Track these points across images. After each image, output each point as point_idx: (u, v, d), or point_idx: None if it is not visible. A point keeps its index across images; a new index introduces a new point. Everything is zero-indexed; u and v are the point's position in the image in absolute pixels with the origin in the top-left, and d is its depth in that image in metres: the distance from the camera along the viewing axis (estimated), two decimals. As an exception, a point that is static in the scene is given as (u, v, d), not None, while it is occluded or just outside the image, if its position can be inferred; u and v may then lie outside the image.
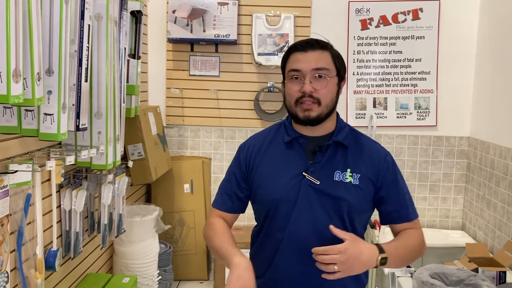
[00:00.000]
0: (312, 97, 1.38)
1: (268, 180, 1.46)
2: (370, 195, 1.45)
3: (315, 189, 1.41)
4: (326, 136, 1.47)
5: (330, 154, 1.44)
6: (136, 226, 2.59)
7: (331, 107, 1.42)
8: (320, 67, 1.38)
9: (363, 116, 3.44)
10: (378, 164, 1.46)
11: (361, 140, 1.51)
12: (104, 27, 1.82)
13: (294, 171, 1.43)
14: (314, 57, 1.39)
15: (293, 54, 1.42)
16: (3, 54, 1.16)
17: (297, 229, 1.41)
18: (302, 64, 1.39)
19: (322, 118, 1.41)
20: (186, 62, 3.36)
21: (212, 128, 3.43)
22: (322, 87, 1.38)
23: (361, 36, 3.38)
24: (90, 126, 1.86)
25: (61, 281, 1.99)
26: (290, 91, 1.42)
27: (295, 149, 1.46)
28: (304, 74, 1.38)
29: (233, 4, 3.21)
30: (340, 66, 1.44)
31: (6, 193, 1.47)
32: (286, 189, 1.42)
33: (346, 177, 1.42)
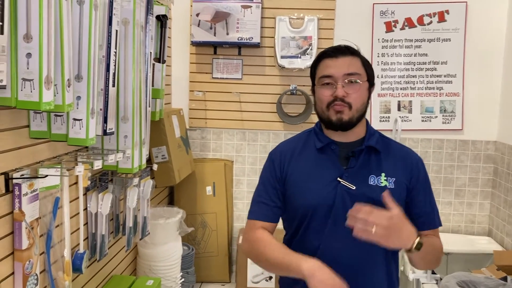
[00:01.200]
0: (343, 101, 1.39)
1: (302, 188, 1.45)
2: (404, 199, 1.45)
3: (351, 194, 1.40)
4: (357, 142, 1.47)
5: (363, 159, 1.44)
6: (160, 229, 2.61)
7: (362, 111, 1.43)
8: (352, 72, 1.40)
9: (387, 120, 3.39)
10: (411, 168, 1.47)
11: (392, 144, 1.52)
12: (131, 32, 1.84)
13: (329, 178, 1.43)
14: (345, 62, 1.41)
15: (324, 61, 1.44)
16: (36, 61, 1.17)
17: (334, 235, 1.40)
18: (333, 70, 1.40)
19: (353, 123, 1.42)
20: (209, 65, 3.37)
21: (235, 130, 3.43)
22: (354, 91, 1.39)
23: (386, 38, 3.34)
24: (117, 130, 1.88)
25: (87, 283, 2.01)
26: (321, 97, 1.43)
27: (328, 155, 1.46)
28: (336, 79, 1.40)
29: (256, 7, 3.21)
30: (370, 71, 1.46)
31: (36, 197, 1.50)
32: (321, 196, 1.42)
33: (381, 181, 1.42)
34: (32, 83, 1.18)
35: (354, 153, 1.44)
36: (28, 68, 1.17)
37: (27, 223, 1.45)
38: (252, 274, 3.16)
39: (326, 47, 1.50)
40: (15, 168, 1.43)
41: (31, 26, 1.16)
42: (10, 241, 1.42)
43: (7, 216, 1.41)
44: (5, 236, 1.40)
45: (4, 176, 1.38)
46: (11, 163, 1.42)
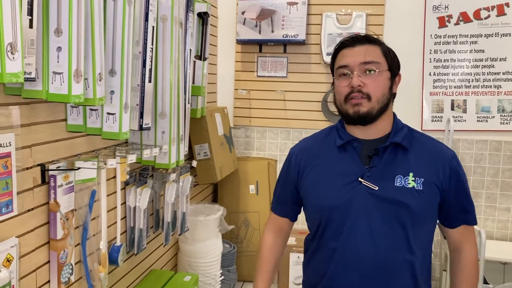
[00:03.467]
0: (361, 92, 1.30)
1: (319, 187, 1.39)
2: (435, 202, 1.34)
3: (372, 195, 1.31)
4: (382, 139, 1.37)
5: (388, 157, 1.35)
6: (200, 225, 2.62)
7: (383, 102, 1.33)
8: (369, 60, 1.31)
9: (439, 119, 3.23)
10: (444, 166, 1.35)
11: (422, 140, 1.40)
12: (169, 29, 1.85)
13: (349, 177, 1.35)
14: (361, 51, 1.33)
15: (341, 51, 1.37)
16: (66, 55, 1.20)
17: (352, 238, 1.33)
18: (349, 59, 1.33)
19: (374, 115, 1.32)
20: (254, 63, 3.36)
21: (279, 129, 3.40)
22: (372, 80, 1.30)
23: (439, 34, 3.18)
24: (155, 126, 1.90)
25: (124, 276, 2.05)
26: (338, 88, 1.35)
27: (349, 153, 1.38)
28: (352, 69, 1.32)
29: (302, 3, 3.16)
30: (392, 60, 1.36)
31: (71, 189, 1.54)
32: (339, 196, 1.34)
33: (408, 181, 1.31)
34: (62, 76, 1.21)
35: (378, 150, 1.34)
36: (58, 62, 1.20)
37: (62, 214, 1.49)
38: (294, 275, 3.11)
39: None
40: (51, 160, 1.48)
41: (61, 20, 1.19)
42: (45, 231, 1.47)
43: (43, 206, 1.45)
44: (41, 225, 1.45)
45: (40, 167, 1.43)
46: (48, 155, 1.46)
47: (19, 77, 1.02)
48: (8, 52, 0.98)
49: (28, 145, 1.37)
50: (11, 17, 0.98)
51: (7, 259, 1.27)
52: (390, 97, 1.36)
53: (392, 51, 1.39)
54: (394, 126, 1.39)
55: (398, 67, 1.40)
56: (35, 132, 1.39)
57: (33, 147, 1.39)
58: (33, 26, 1.09)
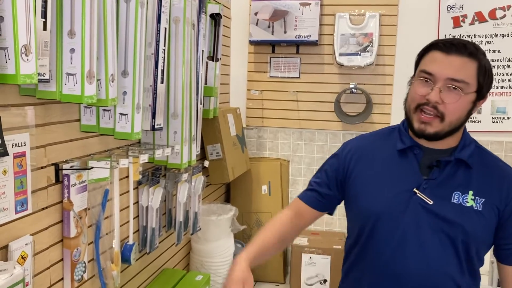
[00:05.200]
0: (436, 108, 1.19)
1: (370, 190, 1.31)
2: (492, 225, 1.25)
3: (426, 209, 1.23)
4: (448, 151, 1.27)
5: (449, 172, 1.25)
6: (212, 225, 2.64)
7: (456, 125, 1.22)
8: (458, 78, 1.17)
9: (453, 120, 3.20)
10: (509, 190, 1.25)
11: (489, 159, 1.31)
12: (181, 30, 1.87)
13: (404, 185, 1.26)
14: (455, 63, 1.18)
15: (432, 52, 1.23)
16: (79, 57, 1.22)
17: (400, 254, 1.25)
18: (437, 68, 1.19)
19: (440, 136, 1.23)
20: (266, 64, 3.37)
21: (291, 130, 3.40)
22: (452, 101, 1.17)
23: (453, 34, 3.15)
24: (167, 126, 1.92)
25: (137, 274, 2.07)
26: (413, 94, 1.24)
27: (408, 160, 1.28)
28: (436, 80, 1.19)
29: (315, 4, 3.16)
30: (484, 82, 1.22)
31: (85, 188, 1.56)
32: (390, 204, 1.26)
33: (467, 200, 1.23)
34: (75, 77, 1.23)
35: (440, 162, 1.25)
36: (71, 63, 1.22)
37: (75, 212, 1.51)
38: (306, 276, 3.11)
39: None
40: (65, 159, 1.50)
41: (74, 22, 1.21)
42: (59, 229, 1.50)
43: (57, 205, 1.48)
44: (55, 224, 1.48)
45: (54, 166, 1.45)
46: (62, 155, 1.49)
47: (33, 78, 1.04)
48: (22, 54, 1.00)
49: (43, 145, 1.39)
50: (25, 19, 1.00)
51: (22, 257, 1.29)
52: (465, 120, 1.25)
53: (489, 70, 1.24)
54: (462, 140, 1.29)
55: (488, 89, 1.26)
56: (50, 132, 1.42)
57: (47, 146, 1.41)
58: (47, 28, 1.11)
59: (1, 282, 0.99)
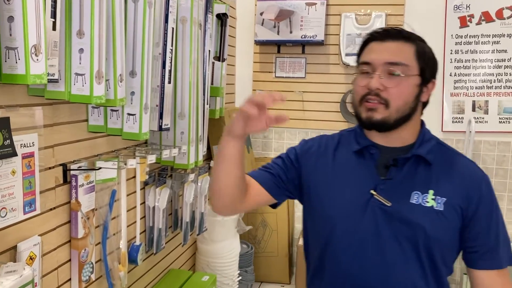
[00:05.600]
0: (379, 96, 1.13)
1: (326, 194, 1.23)
2: (456, 226, 1.17)
3: (385, 211, 1.15)
4: (405, 148, 1.20)
5: (408, 171, 1.18)
6: (218, 225, 2.63)
7: (404, 112, 1.15)
8: (395, 61, 1.13)
9: (460, 121, 3.18)
10: (472, 188, 1.17)
11: (452, 157, 1.22)
12: (188, 30, 1.86)
13: (361, 187, 1.18)
14: (391, 48, 1.15)
15: (369, 45, 1.20)
16: (87, 57, 1.22)
17: (359, 261, 1.17)
18: (374, 55, 1.15)
19: (390, 124, 1.15)
20: (272, 64, 3.36)
21: (297, 130, 3.39)
22: (394, 85, 1.12)
23: (460, 34, 3.14)
24: (174, 126, 1.92)
25: (143, 275, 2.07)
26: (356, 87, 1.19)
27: (365, 161, 1.21)
28: (375, 68, 1.14)
29: (321, 4, 3.14)
30: (426, 64, 1.18)
31: (92, 189, 1.56)
32: (347, 208, 1.18)
33: (427, 200, 1.15)
34: (83, 78, 1.23)
35: (397, 161, 1.17)
36: (80, 63, 1.22)
37: (83, 213, 1.51)
38: (312, 276, 3.10)
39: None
40: (73, 160, 1.50)
41: (83, 22, 1.20)
42: (67, 230, 1.49)
43: (65, 206, 1.48)
44: (63, 224, 1.47)
45: (62, 167, 1.45)
46: (69, 155, 1.48)
47: (42, 79, 1.04)
48: (32, 54, 1.00)
49: (51, 145, 1.39)
50: (35, 19, 1.00)
51: (30, 257, 1.29)
52: (415, 107, 1.18)
53: (429, 53, 1.20)
54: (420, 136, 1.22)
55: (432, 74, 1.21)
56: (58, 132, 1.42)
57: (55, 147, 1.41)
58: (56, 28, 1.11)
59: (11, 283, 0.99)
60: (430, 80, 1.21)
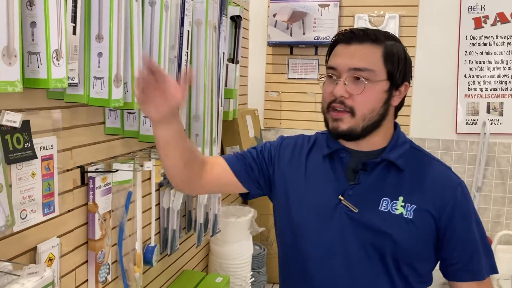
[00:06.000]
0: (343, 104, 1.07)
1: (293, 199, 1.18)
2: (428, 236, 1.09)
3: (352, 218, 1.10)
4: (376, 153, 1.14)
5: (377, 176, 1.11)
6: (231, 227, 2.64)
7: (372, 119, 1.08)
8: (360, 67, 1.06)
9: (475, 122, 3.16)
10: (445, 195, 1.10)
11: (425, 162, 1.15)
12: (203, 33, 1.87)
13: (328, 193, 1.13)
14: (356, 52, 1.07)
15: (336, 47, 1.12)
16: (106, 60, 1.23)
17: (326, 270, 1.12)
18: (339, 60, 1.08)
19: (357, 134, 1.09)
20: (284, 65, 3.36)
21: (309, 131, 3.38)
22: (358, 92, 1.06)
23: (475, 35, 3.12)
24: (189, 128, 1.93)
25: (158, 276, 2.08)
26: (324, 93, 1.13)
27: (335, 165, 1.15)
28: (339, 73, 1.08)
29: (334, 5, 3.14)
30: (395, 68, 1.09)
31: (109, 190, 1.57)
32: (314, 214, 1.13)
33: (396, 207, 1.08)
34: (102, 81, 1.24)
35: (366, 165, 1.11)
36: (99, 67, 1.23)
37: (100, 214, 1.52)
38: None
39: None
40: (90, 162, 1.51)
41: (102, 26, 1.22)
42: (84, 231, 1.51)
43: (82, 207, 1.49)
44: (80, 226, 1.49)
45: (80, 169, 1.46)
46: (87, 157, 1.50)
47: (63, 83, 1.05)
48: (54, 59, 1.01)
49: (69, 148, 1.40)
50: (56, 24, 1.01)
51: (49, 258, 1.30)
52: (384, 112, 1.11)
53: (400, 54, 1.11)
54: (393, 140, 1.15)
55: (404, 76, 1.12)
56: (75, 135, 1.43)
57: (73, 149, 1.43)
58: (76, 33, 1.12)
59: (33, 285, 1.00)
60: (402, 83, 1.12)
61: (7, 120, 0.92)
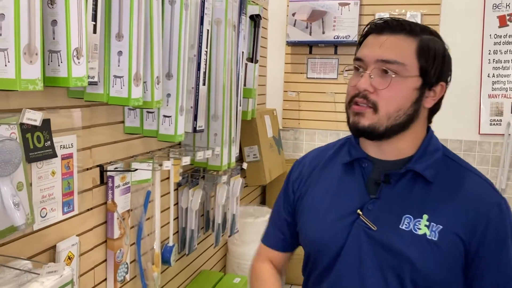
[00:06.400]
0: (366, 98, 0.97)
1: (312, 215, 1.09)
2: (455, 261, 0.96)
3: (370, 236, 0.99)
4: (401, 162, 1.02)
5: (401, 189, 1.00)
6: (249, 227, 2.62)
7: (398, 119, 0.97)
8: (388, 58, 0.95)
9: (498, 123, 3.08)
10: (478, 215, 0.95)
11: (460, 174, 1.01)
12: (222, 32, 1.86)
13: (348, 207, 1.03)
14: (386, 43, 0.97)
15: (368, 37, 1.03)
16: (126, 59, 1.23)
17: (341, 284, 1.03)
18: (367, 51, 0.98)
19: (380, 133, 0.97)
20: (303, 65, 3.33)
21: (328, 132, 3.35)
22: (383, 86, 0.95)
23: (499, 34, 3.04)
24: (208, 128, 1.92)
25: (176, 275, 2.08)
26: (348, 87, 1.03)
27: (355, 176, 1.05)
28: (366, 65, 0.98)
29: (354, 4, 3.10)
30: (430, 64, 0.97)
31: (128, 190, 1.57)
32: (331, 231, 1.04)
33: (419, 226, 0.96)
34: (122, 80, 1.23)
35: (389, 177, 1.00)
36: (119, 66, 1.23)
37: (119, 214, 1.52)
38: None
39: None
40: (109, 161, 1.51)
41: (122, 25, 1.21)
42: (103, 230, 1.51)
43: (101, 206, 1.49)
44: (99, 225, 1.49)
45: (99, 168, 1.47)
46: (106, 156, 1.50)
47: (83, 81, 1.05)
48: (74, 57, 1.01)
49: (88, 147, 1.41)
50: (77, 23, 1.01)
51: (68, 257, 1.31)
52: (414, 113, 0.99)
53: (436, 50, 0.99)
54: (422, 148, 1.02)
55: (440, 75, 1.00)
56: (95, 134, 1.43)
57: (93, 148, 1.43)
58: (96, 32, 1.12)
59: (52, 283, 1.00)
60: (437, 82, 1.00)
61: (27, 118, 0.92)
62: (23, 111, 0.92)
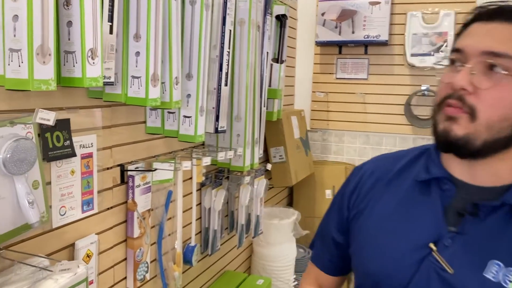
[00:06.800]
0: (462, 100, 0.76)
1: (371, 242, 0.90)
2: None
3: (443, 280, 0.79)
4: (497, 190, 0.80)
5: (492, 225, 0.78)
6: (274, 229, 2.60)
7: (503, 133, 0.76)
8: (498, 51, 0.74)
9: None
10: None
11: None
12: (246, 32, 1.85)
13: (417, 238, 0.83)
14: (496, 32, 0.76)
15: (470, 26, 0.83)
16: (143, 60, 1.23)
17: None
18: (470, 40, 0.79)
19: (475, 147, 0.76)
20: (332, 65, 3.29)
21: (357, 133, 3.29)
22: (487, 86, 0.75)
23: (539, 32, 2.91)
24: (231, 129, 1.91)
25: (198, 276, 2.08)
26: (439, 85, 0.84)
27: (431, 199, 0.85)
28: (467, 57, 0.78)
29: (385, 3, 3.03)
30: None
31: (149, 189, 1.58)
32: (394, 266, 0.84)
33: (510, 278, 0.75)
34: (139, 80, 1.24)
35: (478, 208, 0.79)
36: (136, 66, 1.24)
37: (139, 213, 1.53)
38: None
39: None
40: (130, 160, 1.53)
41: (140, 26, 1.22)
42: (123, 229, 1.52)
43: (122, 205, 1.51)
44: (119, 223, 1.51)
45: (120, 168, 1.48)
46: (127, 156, 1.52)
47: (98, 81, 1.06)
48: (89, 58, 1.02)
49: (109, 146, 1.42)
50: (92, 24, 1.02)
51: (87, 255, 1.33)
52: None
53: None
54: None
55: None
56: (116, 134, 1.45)
57: (113, 148, 1.44)
58: (113, 32, 1.12)
59: (65, 281, 1.02)
60: None
61: (40, 118, 0.94)
62: (36, 110, 0.94)
